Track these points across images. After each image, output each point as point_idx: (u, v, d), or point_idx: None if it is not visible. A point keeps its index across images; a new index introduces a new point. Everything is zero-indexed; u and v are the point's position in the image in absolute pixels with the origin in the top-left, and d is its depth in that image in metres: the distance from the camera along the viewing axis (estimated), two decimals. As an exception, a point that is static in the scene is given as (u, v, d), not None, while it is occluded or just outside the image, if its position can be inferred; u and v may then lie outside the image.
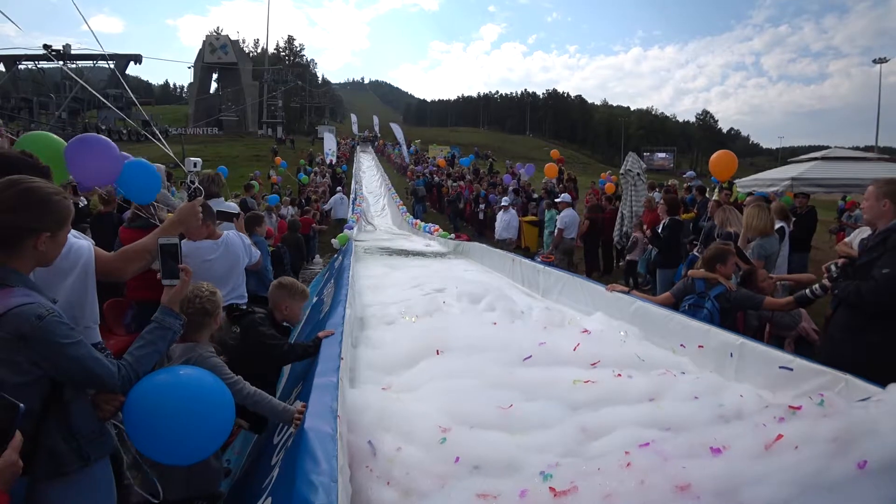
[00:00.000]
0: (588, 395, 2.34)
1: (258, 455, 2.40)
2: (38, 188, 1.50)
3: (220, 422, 1.69)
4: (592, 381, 2.44)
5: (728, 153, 6.66)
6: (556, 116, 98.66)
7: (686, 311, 3.35)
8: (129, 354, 1.63)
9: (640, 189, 9.07)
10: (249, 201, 10.49)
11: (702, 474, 1.55)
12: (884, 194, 2.75)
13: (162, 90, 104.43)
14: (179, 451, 1.63)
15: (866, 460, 1.52)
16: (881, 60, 40.92)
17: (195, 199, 2.24)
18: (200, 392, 1.67)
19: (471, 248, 7.98)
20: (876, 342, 2.59)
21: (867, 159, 11.47)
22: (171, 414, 1.58)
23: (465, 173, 21.82)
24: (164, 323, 1.72)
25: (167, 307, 1.75)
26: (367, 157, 35.76)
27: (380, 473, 1.74)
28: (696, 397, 2.27)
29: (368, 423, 1.99)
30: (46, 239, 1.49)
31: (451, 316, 3.81)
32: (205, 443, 1.67)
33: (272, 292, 3.02)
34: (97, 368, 1.47)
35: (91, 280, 1.90)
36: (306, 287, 3.14)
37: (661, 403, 2.25)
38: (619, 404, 2.25)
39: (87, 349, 1.47)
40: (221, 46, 56.74)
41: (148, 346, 1.67)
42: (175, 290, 1.78)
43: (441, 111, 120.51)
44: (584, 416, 2.17)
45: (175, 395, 1.62)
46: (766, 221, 4.33)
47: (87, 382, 1.52)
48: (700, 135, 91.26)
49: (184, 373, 1.74)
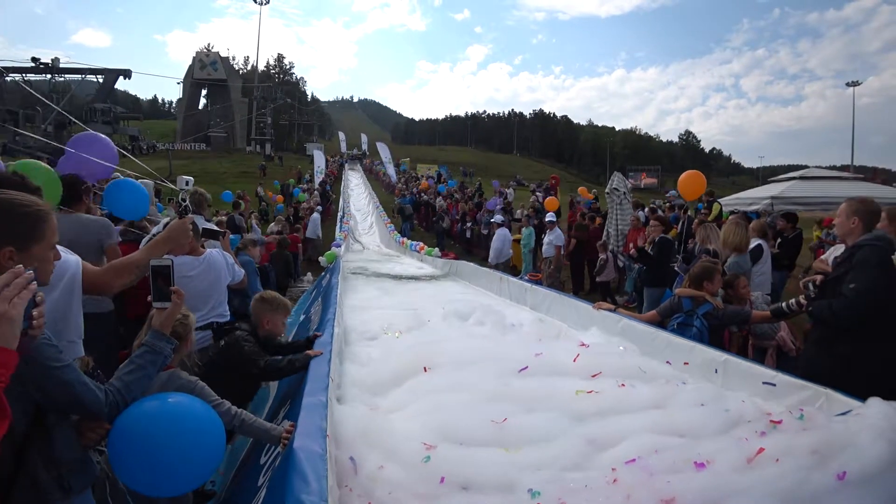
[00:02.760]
0: (592, 406, 2.26)
1: (244, 476, 2.37)
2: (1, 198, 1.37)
3: (211, 452, 1.63)
4: (596, 391, 2.38)
5: (696, 174, 6.66)
6: (543, 136, 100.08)
7: (674, 329, 3.35)
8: (117, 380, 1.57)
9: (626, 208, 9.21)
10: (237, 218, 10.46)
11: (686, 488, 1.57)
12: (853, 212, 2.86)
13: (150, 105, 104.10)
14: (166, 482, 1.56)
15: (845, 472, 1.56)
16: (854, 84, 42.62)
17: (186, 217, 2.23)
18: (191, 421, 1.61)
19: (463, 269, 7.99)
20: (846, 354, 2.66)
21: (843, 178, 11.85)
22: (160, 444, 1.52)
23: (452, 192, 21.99)
24: (154, 347, 1.67)
25: (158, 331, 1.71)
26: (356, 175, 35.89)
27: (361, 493, 1.67)
28: (702, 404, 2.24)
29: (350, 439, 1.92)
30: (12, 254, 1.33)
31: (439, 331, 3.75)
32: (194, 474, 1.60)
33: (254, 306, 3.01)
34: (84, 394, 1.40)
35: (77, 294, 1.88)
36: (288, 301, 3.13)
37: (669, 411, 2.21)
38: (625, 413, 2.19)
39: (76, 373, 1.40)
40: (211, 63, 56.97)
41: (138, 370, 1.61)
42: (167, 314, 1.74)
43: (429, 130, 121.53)
44: (590, 427, 2.10)
45: (164, 423, 1.55)
46: (742, 238, 4.44)
47: (73, 408, 1.45)
48: (683, 154, 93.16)
49: (173, 400, 1.67)
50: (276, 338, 3.04)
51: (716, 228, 5.05)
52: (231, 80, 57.44)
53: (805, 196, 10.78)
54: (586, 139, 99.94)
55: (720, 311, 3.40)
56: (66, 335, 1.85)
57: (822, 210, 10.59)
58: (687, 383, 2.59)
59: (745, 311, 3.54)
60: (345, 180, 32.18)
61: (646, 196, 22.29)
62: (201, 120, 57.14)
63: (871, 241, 2.72)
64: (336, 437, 1.90)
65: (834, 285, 2.79)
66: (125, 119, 53.01)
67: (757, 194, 11.87)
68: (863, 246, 2.73)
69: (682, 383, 2.57)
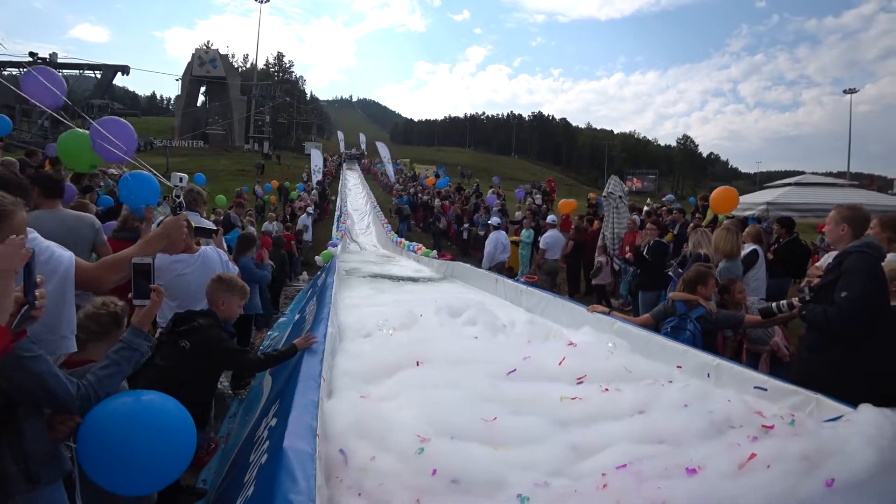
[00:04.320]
0: (576, 412, 2.28)
1: (234, 474, 2.36)
2: None
3: (179, 453, 1.62)
4: (579, 397, 2.40)
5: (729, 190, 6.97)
6: (542, 138, 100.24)
7: (668, 333, 3.37)
8: (91, 374, 1.57)
9: (623, 211, 9.22)
10: (233, 216, 10.43)
11: (677, 494, 1.57)
12: (842, 219, 2.89)
13: (148, 101, 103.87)
14: (133, 481, 1.56)
15: (834, 478, 1.57)
16: (851, 91, 42.86)
17: (180, 214, 2.23)
18: (161, 419, 1.61)
19: (460, 271, 7.98)
20: (839, 360, 2.68)
21: (838, 185, 11.91)
22: (129, 441, 1.51)
23: (449, 193, 21.98)
24: (132, 344, 1.69)
25: (136, 328, 1.73)
26: (354, 175, 35.85)
27: (350, 484, 1.67)
28: (685, 405, 2.24)
29: (341, 430, 1.91)
30: None
31: (431, 329, 3.74)
32: (162, 474, 1.60)
33: (209, 287, 2.88)
34: (55, 386, 1.40)
35: (70, 290, 1.87)
36: (246, 286, 3.02)
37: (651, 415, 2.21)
38: (607, 420, 2.20)
39: (48, 365, 1.40)
40: (210, 60, 56.74)
41: (112, 366, 1.62)
42: (145, 311, 1.77)
43: (427, 131, 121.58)
44: (573, 434, 2.11)
45: (135, 420, 1.55)
46: (733, 245, 4.46)
47: (43, 400, 1.45)
48: (681, 159, 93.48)
49: (146, 398, 1.68)
50: (230, 321, 2.92)
51: (707, 233, 5.07)
52: (230, 77, 57.22)
53: (800, 203, 10.83)
54: (585, 142, 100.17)
55: (713, 314, 3.42)
56: (59, 330, 1.84)
57: (815, 217, 10.65)
58: (673, 381, 2.59)
59: (738, 316, 3.56)
60: (343, 180, 32.15)
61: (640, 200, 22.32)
62: (199, 117, 56.89)
63: (860, 248, 2.74)
64: (327, 427, 1.90)
65: (825, 292, 2.81)
66: (123, 115, 52.66)
67: (752, 200, 11.92)
68: (851, 253, 2.75)
69: (669, 382, 2.57)
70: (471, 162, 63.82)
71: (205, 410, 2.83)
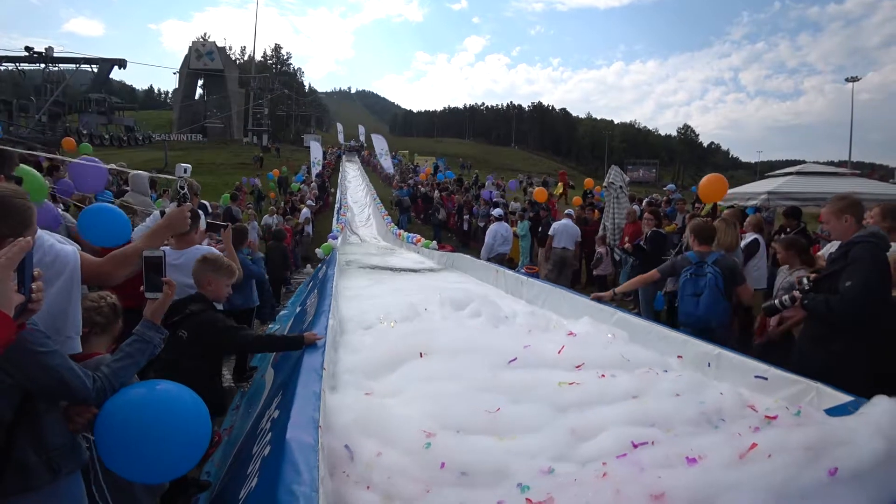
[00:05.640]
0: (573, 397, 2.31)
1: (238, 467, 2.37)
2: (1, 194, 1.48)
3: (196, 441, 1.64)
4: (577, 382, 2.42)
5: (717, 177, 6.52)
6: (542, 129, 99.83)
7: (688, 279, 3.55)
8: (106, 367, 1.60)
9: (623, 202, 9.20)
10: (234, 209, 10.43)
11: (677, 484, 1.57)
12: (842, 210, 2.85)
13: (146, 95, 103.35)
14: (150, 469, 1.58)
15: (837, 468, 1.56)
16: (853, 79, 42.35)
17: (184, 205, 2.21)
18: (177, 408, 1.63)
19: (461, 262, 7.98)
20: (839, 351, 2.68)
21: (840, 174, 11.84)
22: (145, 430, 1.54)
23: (448, 184, 21.94)
24: (144, 336, 1.70)
25: (149, 320, 1.74)
26: (353, 167, 35.73)
27: (357, 479, 1.69)
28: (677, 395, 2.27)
29: (345, 426, 1.93)
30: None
31: (433, 321, 3.75)
32: (178, 462, 1.62)
33: (196, 268, 2.83)
34: (71, 379, 1.43)
35: (76, 288, 1.86)
36: (234, 266, 2.99)
37: (645, 400, 2.25)
38: (604, 404, 2.23)
39: (63, 359, 1.43)
40: (208, 53, 56.38)
41: (126, 358, 1.65)
42: (158, 303, 1.78)
43: (427, 122, 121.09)
44: (571, 418, 2.14)
45: (150, 410, 1.57)
46: (733, 238, 4.45)
47: (60, 393, 1.48)
48: (681, 148, 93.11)
49: (161, 387, 1.69)
50: (218, 302, 2.90)
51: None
52: (228, 70, 56.87)
53: (801, 192, 10.75)
54: (584, 132, 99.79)
55: (728, 258, 3.58)
56: (65, 331, 1.84)
57: (815, 206, 10.58)
58: (668, 371, 2.60)
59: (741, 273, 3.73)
60: (342, 172, 32.06)
61: (641, 189, 22.28)
62: (198, 110, 56.66)
63: (866, 238, 2.72)
64: (330, 425, 1.91)
65: (829, 281, 2.79)
66: (120, 109, 52.57)
67: (753, 189, 11.85)
68: (858, 243, 2.73)
69: (664, 371, 2.58)
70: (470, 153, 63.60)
71: (217, 395, 2.86)
